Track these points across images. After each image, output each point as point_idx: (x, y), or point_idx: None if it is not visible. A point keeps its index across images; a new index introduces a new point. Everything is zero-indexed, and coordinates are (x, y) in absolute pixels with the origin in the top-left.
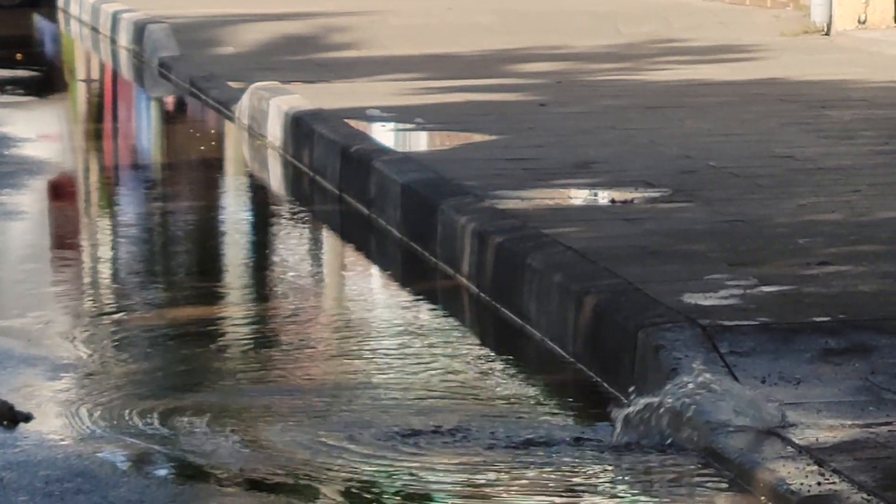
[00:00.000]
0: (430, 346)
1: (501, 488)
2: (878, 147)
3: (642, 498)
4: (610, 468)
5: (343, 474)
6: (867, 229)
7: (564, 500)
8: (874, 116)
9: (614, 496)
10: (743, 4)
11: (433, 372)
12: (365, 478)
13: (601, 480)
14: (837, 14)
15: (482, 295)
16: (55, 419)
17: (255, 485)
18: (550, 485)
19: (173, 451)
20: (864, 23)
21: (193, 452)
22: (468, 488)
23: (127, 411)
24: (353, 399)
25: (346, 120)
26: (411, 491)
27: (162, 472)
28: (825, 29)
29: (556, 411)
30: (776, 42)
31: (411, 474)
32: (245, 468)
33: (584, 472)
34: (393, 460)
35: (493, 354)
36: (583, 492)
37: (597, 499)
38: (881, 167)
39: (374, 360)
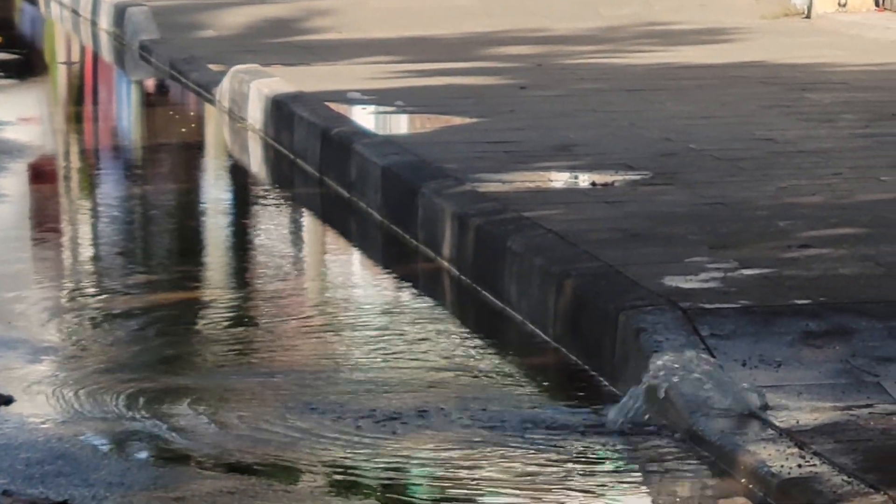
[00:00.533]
0: (411, 329)
1: (481, 471)
2: (859, 130)
3: (622, 480)
4: (590, 450)
5: (323, 456)
6: (848, 212)
7: (545, 482)
8: (854, 99)
9: (594, 478)
10: None
11: (413, 354)
12: (345, 460)
13: (581, 463)
14: None
15: (463, 278)
16: (36, 402)
17: (235, 467)
18: (530, 468)
19: (154, 433)
20: (844, 6)
21: (174, 435)
22: (448, 471)
23: (108, 394)
24: (334, 381)
25: (326, 103)
26: (391, 473)
27: (143, 455)
28: (805, 12)
29: (536, 394)
30: (756, 25)
31: (391, 456)
32: (225, 450)
33: (565, 455)
34: (372, 442)
35: (473, 337)
36: (563, 474)
37: (577, 481)
38: (861, 150)
39: (355, 342)
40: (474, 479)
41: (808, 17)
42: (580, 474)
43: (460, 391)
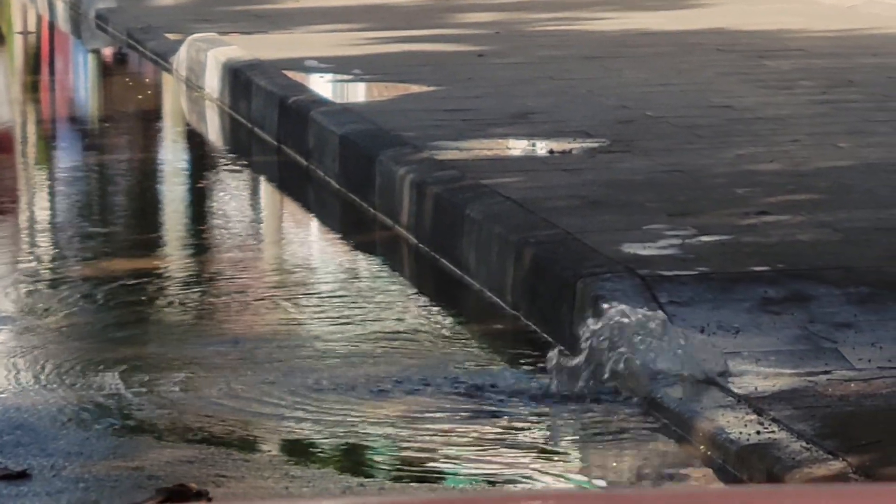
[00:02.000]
0: (369, 296)
1: (438, 437)
2: (816, 97)
3: (579, 446)
4: (549, 418)
5: (281, 425)
6: (805, 179)
7: (502, 448)
8: (812, 66)
9: (551, 444)
10: None
11: (372, 323)
12: (302, 428)
13: (540, 430)
14: None
15: (421, 246)
16: None
17: (193, 436)
18: (489, 435)
19: (112, 403)
20: None
21: (132, 404)
22: (404, 437)
23: (66, 364)
24: (292, 350)
25: (284, 71)
26: (350, 441)
27: (101, 425)
28: None
29: (494, 361)
30: None
31: (348, 423)
32: (184, 419)
33: (524, 422)
34: (330, 409)
35: (432, 305)
36: (522, 441)
37: (536, 450)
38: (819, 117)
39: (313, 310)
40: (432, 446)
41: None
42: (536, 440)
43: (418, 359)
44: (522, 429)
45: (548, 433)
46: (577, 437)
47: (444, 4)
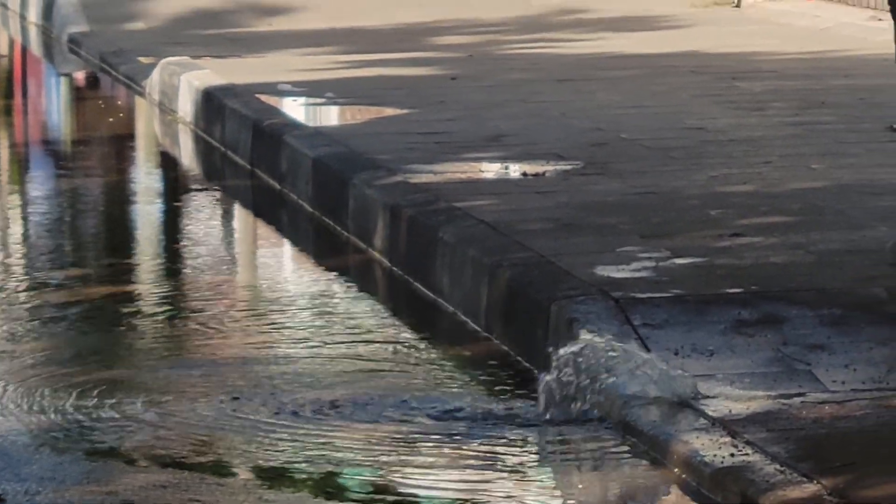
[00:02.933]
0: (343, 320)
1: (412, 460)
2: (789, 118)
3: (554, 470)
4: (523, 442)
5: (254, 449)
6: (778, 200)
7: (475, 471)
8: (784, 88)
9: (525, 468)
10: None
11: (345, 346)
12: (276, 452)
13: (514, 454)
14: None
15: (395, 269)
16: None
17: (167, 461)
18: (462, 460)
19: (86, 427)
20: None
21: (106, 428)
22: (378, 461)
23: (40, 388)
24: (265, 373)
25: (257, 95)
26: (323, 465)
27: (74, 449)
28: (735, 1)
29: (468, 384)
30: (687, 14)
31: (322, 447)
32: (157, 444)
33: (497, 446)
34: (304, 434)
35: (406, 328)
36: (496, 465)
37: (509, 473)
38: (792, 138)
39: (287, 334)
40: (405, 469)
41: (738, 5)
42: (510, 464)
43: (392, 382)
44: (496, 452)
45: (522, 457)
46: (551, 461)
47: (417, 28)
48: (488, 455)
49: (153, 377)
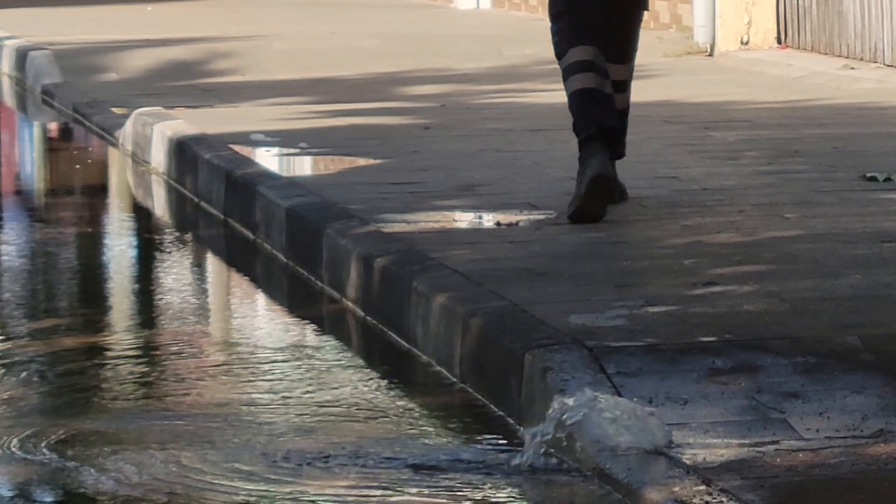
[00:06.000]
0: (316, 369)
1: None
2: (762, 167)
3: None
4: (496, 492)
5: (226, 500)
6: (752, 249)
7: None
8: (757, 137)
9: None
10: None
11: (319, 395)
12: (252, 503)
13: (489, 502)
14: (720, 35)
15: (368, 318)
16: None
17: None
18: None
19: (58, 479)
20: (746, 44)
21: (78, 480)
22: None
23: (10, 439)
24: (238, 423)
25: (230, 145)
26: None
27: (46, 501)
28: (708, 50)
29: (441, 435)
30: (660, 63)
31: (293, 500)
32: (129, 495)
33: (470, 496)
34: (278, 485)
35: (379, 377)
36: None
37: None
38: (765, 187)
39: (260, 383)
40: None
41: (710, 54)
42: None
43: (364, 433)
44: (470, 500)
45: None
46: None
47: (390, 77)
48: None
49: (124, 427)
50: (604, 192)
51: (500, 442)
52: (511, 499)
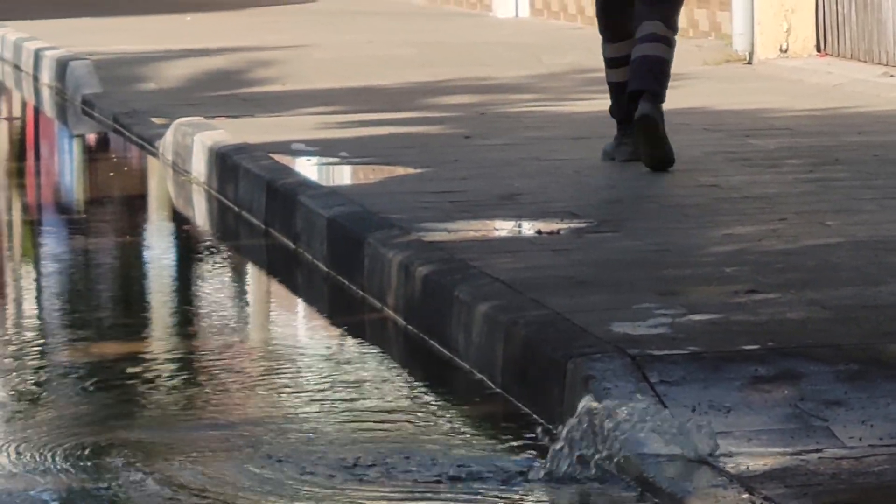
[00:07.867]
0: (357, 378)
1: None
2: (803, 175)
3: None
4: (540, 501)
5: None
6: (794, 257)
7: None
8: (798, 145)
9: None
10: None
11: (360, 405)
12: None
13: None
14: (759, 43)
15: (409, 327)
16: None
17: None
18: None
19: (100, 489)
20: (786, 51)
21: (121, 490)
22: None
23: (53, 450)
24: (280, 434)
25: (270, 154)
26: None
27: None
28: (747, 58)
29: (483, 444)
30: (699, 71)
31: None
32: None
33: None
34: (320, 495)
35: (420, 386)
36: None
37: None
38: (806, 195)
39: (301, 393)
40: None
41: (749, 62)
42: None
43: (406, 442)
44: None
45: None
46: None
47: (429, 86)
48: None
49: (167, 438)
50: (650, 132)
51: (542, 450)
52: None
